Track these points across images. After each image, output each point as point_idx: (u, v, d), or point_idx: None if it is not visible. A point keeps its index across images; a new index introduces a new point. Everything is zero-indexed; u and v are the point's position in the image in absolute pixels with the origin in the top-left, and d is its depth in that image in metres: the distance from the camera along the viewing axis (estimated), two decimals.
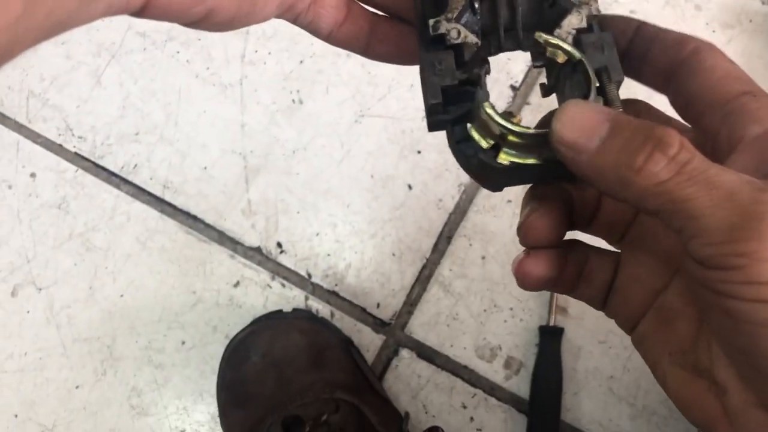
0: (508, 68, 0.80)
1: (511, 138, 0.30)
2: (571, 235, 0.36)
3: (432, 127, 0.33)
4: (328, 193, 0.79)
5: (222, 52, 0.83)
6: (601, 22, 0.34)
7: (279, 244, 0.78)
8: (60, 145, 0.83)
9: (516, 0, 0.33)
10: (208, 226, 0.79)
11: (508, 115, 0.31)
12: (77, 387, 0.78)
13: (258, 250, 0.78)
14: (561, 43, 0.32)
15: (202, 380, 0.76)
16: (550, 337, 0.72)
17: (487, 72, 0.34)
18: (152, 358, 0.77)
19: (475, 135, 0.31)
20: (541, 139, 0.30)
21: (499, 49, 0.35)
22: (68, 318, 0.79)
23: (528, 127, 0.30)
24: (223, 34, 0.84)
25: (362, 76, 0.82)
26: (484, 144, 0.31)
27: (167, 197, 0.81)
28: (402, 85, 0.82)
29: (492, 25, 0.34)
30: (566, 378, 0.72)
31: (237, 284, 0.78)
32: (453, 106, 0.32)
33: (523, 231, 0.34)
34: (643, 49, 0.32)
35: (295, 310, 0.75)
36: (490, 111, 0.30)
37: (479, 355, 0.74)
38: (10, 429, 0.77)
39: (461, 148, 0.32)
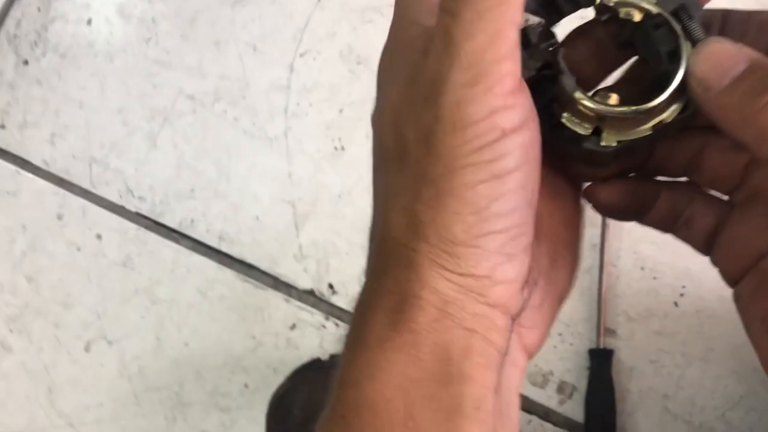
0: None
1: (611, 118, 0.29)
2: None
3: None
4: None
5: (266, 107, 0.88)
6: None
7: (331, 286, 0.82)
8: (122, 207, 0.89)
9: None
10: (263, 273, 0.83)
11: (603, 96, 0.30)
12: None
13: (311, 292, 0.82)
14: (636, 0, 0.30)
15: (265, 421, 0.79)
16: (600, 360, 0.73)
17: (559, 46, 0.31)
18: (218, 402, 0.81)
19: (569, 124, 0.30)
20: (647, 111, 0.29)
21: (560, 16, 0.32)
22: (139, 369, 0.84)
23: (629, 107, 0.29)
24: (265, 90, 0.88)
25: None
26: (582, 131, 0.30)
27: (224, 248, 0.85)
28: None
29: None
30: (620, 399, 0.73)
31: (293, 327, 0.81)
32: (535, 95, 0.30)
33: (586, 195, 0.34)
34: (738, 37, 0.30)
35: (332, 357, 0.78)
36: (587, 102, 0.29)
37: (532, 381, 0.75)
38: None
39: (557, 137, 0.31)
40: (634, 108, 0.29)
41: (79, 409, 0.84)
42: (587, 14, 0.33)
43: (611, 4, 0.30)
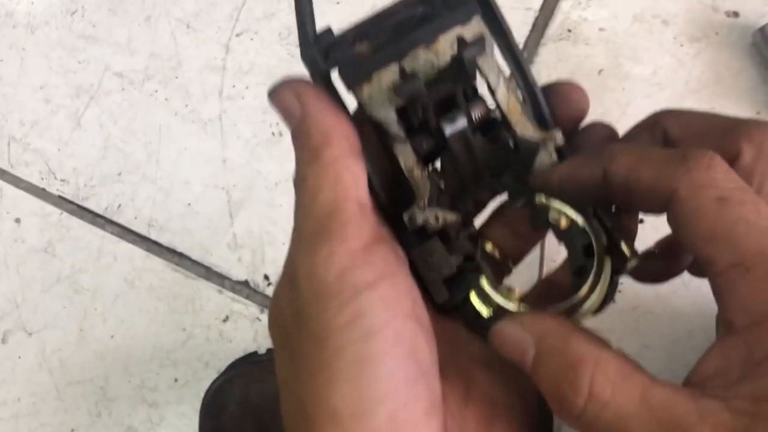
0: None
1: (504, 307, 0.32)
2: None
3: (444, 313, 0.33)
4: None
5: (200, 88, 0.84)
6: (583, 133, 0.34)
7: (266, 277, 0.79)
8: (43, 189, 0.84)
9: (476, 156, 0.32)
10: (194, 262, 0.80)
11: (507, 291, 0.32)
12: (72, 430, 0.78)
13: (245, 283, 0.79)
14: (566, 209, 0.32)
15: (196, 416, 0.76)
16: None
17: (477, 234, 0.34)
18: (146, 396, 0.78)
19: (476, 302, 0.32)
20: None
21: (478, 206, 0.34)
22: (60, 361, 0.80)
23: (527, 307, 0.31)
24: (199, 70, 0.84)
25: None
26: (485, 312, 0.32)
27: (152, 235, 0.81)
28: None
29: (462, 186, 0.33)
30: None
31: (226, 319, 0.78)
32: (457, 289, 0.33)
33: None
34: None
35: (269, 350, 0.75)
36: (490, 293, 0.31)
37: None
38: None
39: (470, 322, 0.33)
40: (527, 312, 0.31)
41: None
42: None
43: (542, 202, 0.33)
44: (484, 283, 0.31)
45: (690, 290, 0.72)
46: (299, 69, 0.89)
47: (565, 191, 0.31)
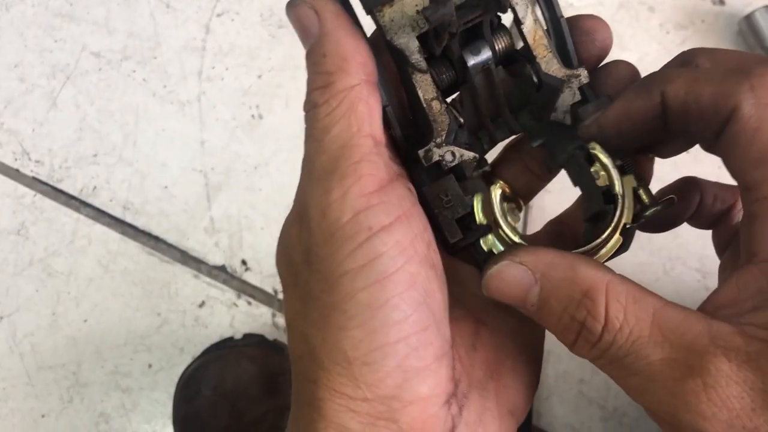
0: None
1: (500, 232, 0.30)
2: None
3: (455, 253, 0.32)
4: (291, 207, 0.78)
5: (179, 69, 0.82)
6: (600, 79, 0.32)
7: (244, 262, 0.77)
8: (17, 170, 0.82)
9: (497, 90, 0.31)
10: (170, 246, 0.78)
11: (511, 212, 0.31)
12: (43, 416, 0.76)
13: (222, 268, 0.77)
14: (612, 171, 0.30)
15: (171, 403, 0.75)
16: None
17: (488, 176, 0.33)
18: (119, 382, 0.76)
19: (478, 209, 0.31)
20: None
21: (493, 143, 0.33)
22: (31, 346, 0.78)
23: (515, 235, 0.30)
24: (178, 51, 0.83)
25: None
26: (480, 218, 0.31)
27: (128, 218, 0.79)
28: None
29: (479, 123, 0.32)
30: None
31: (202, 304, 0.77)
32: (470, 230, 0.31)
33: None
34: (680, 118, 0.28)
35: (245, 336, 0.74)
36: (496, 208, 0.30)
37: None
38: None
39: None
40: (511, 238, 0.30)
41: None
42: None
43: (594, 152, 0.30)
44: (494, 192, 0.30)
45: (672, 278, 0.72)
46: (282, 51, 0.88)
47: (619, 132, 0.30)
